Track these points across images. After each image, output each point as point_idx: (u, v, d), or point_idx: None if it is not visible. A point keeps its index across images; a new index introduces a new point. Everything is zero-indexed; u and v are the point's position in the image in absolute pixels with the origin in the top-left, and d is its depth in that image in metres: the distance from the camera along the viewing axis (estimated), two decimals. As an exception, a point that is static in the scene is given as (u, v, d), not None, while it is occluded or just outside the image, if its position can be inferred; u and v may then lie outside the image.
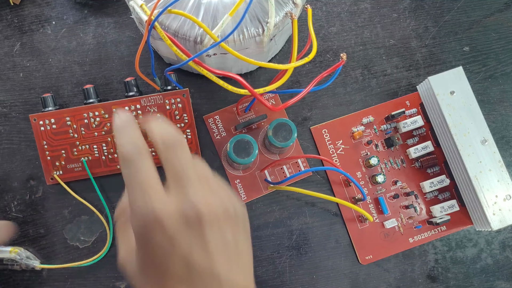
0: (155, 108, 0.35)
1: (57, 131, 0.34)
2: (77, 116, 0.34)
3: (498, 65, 0.39)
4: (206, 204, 0.23)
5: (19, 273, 0.35)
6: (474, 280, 0.36)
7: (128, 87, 0.35)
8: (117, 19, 0.38)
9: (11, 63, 0.37)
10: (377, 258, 0.36)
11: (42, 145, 0.34)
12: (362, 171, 0.37)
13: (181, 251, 0.23)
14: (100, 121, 0.35)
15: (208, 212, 0.23)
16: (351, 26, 0.39)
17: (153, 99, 0.35)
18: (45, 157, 0.35)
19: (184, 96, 0.35)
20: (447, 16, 0.39)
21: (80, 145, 0.35)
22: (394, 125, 0.37)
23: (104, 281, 0.35)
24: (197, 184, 0.24)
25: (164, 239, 0.23)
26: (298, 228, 0.36)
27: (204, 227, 0.23)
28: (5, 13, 0.38)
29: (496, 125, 0.38)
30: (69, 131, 0.34)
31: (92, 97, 0.35)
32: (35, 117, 0.34)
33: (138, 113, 0.35)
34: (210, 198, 0.24)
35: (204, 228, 0.23)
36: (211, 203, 0.24)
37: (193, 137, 0.35)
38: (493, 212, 0.33)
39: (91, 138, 0.35)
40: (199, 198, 0.23)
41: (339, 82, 0.38)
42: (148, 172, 0.24)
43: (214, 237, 0.24)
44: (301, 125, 0.37)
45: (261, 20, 0.30)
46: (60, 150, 0.35)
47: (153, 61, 0.31)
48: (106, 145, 0.35)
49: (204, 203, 0.23)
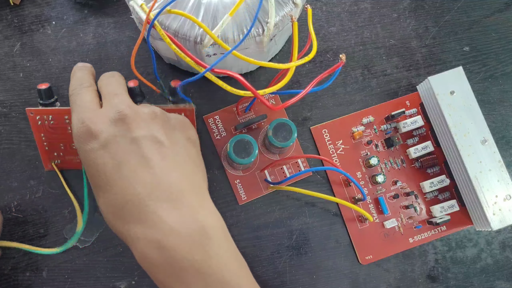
0: None
1: (55, 126, 0.34)
2: None
3: (498, 65, 0.39)
4: (129, 107, 0.27)
5: (19, 273, 0.35)
6: (474, 280, 0.36)
7: (133, 97, 0.31)
8: (117, 19, 0.38)
9: (11, 63, 0.37)
10: (377, 258, 0.36)
11: (40, 136, 0.34)
12: (362, 171, 0.37)
13: (115, 153, 0.26)
14: None
15: (132, 113, 0.26)
16: (351, 26, 0.39)
17: None
18: (43, 147, 0.34)
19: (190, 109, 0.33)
20: (447, 16, 0.39)
21: None
22: (394, 125, 0.37)
23: (104, 281, 0.35)
24: (124, 96, 0.28)
25: (99, 147, 0.26)
26: (298, 228, 0.36)
27: (131, 125, 0.26)
28: (5, 13, 0.38)
29: (496, 125, 0.38)
30: (68, 128, 0.34)
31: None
32: (32, 111, 0.34)
33: None
34: (136, 105, 0.28)
35: (130, 126, 0.26)
36: (135, 107, 0.27)
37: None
38: (493, 212, 0.33)
39: None
40: (124, 103, 0.27)
41: (339, 82, 0.38)
42: (85, 96, 0.28)
43: (142, 134, 0.26)
44: (301, 125, 0.37)
45: (261, 20, 0.30)
46: (58, 144, 0.34)
47: (155, 61, 0.31)
48: None
49: (128, 106, 0.27)
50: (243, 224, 0.36)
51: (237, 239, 0.36)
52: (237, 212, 0.36)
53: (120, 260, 0.35)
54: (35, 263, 0.35)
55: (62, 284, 0.35)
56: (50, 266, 0.35)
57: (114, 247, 0.35)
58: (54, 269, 0.35)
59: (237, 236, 0.36)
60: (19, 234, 0.35)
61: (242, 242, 0.36)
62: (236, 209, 0.36)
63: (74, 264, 0.35)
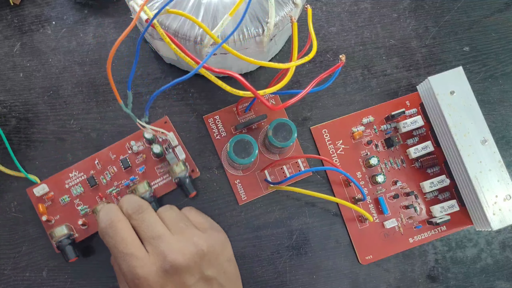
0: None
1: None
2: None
3: (498, 65, 0.39)
4: (180, 254, 0.27)
5: (19, 273, 0.35)
6: (474, 280, 0.36)
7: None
8: (117, 19, 0.38)
9: (11, 63, 0.37)
10: (377, 258, 0.36)
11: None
12: (362, 171, 0.37)
13: None
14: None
15: (183, 261, 0.27)
16: (351, 26, 0.39)
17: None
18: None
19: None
20: (447, 16, 0.39)
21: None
22: (394, 125, 0.37)
23: (104, 281, 0.35)
24: (167, 238, 0.28)
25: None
26: (298, 228, 0.36)
27: (184, 276, 0.27)
28: (5, 13, 0.38)
29: (496, 125, 0.38)
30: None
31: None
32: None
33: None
34: (183, 246, 0.28)
35: (183, 276, 0.27)
36: (184, 251, 0.27)
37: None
38: (493, 212, 0.33)
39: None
40: (172, 250, 0.27)
41: (339, 82, 0.38)
42: (124, 239, 0.28)
43: (195, 280, 0.27)
44: (301, 125, 0.37)
45: (261, 20, 0.30)
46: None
47: (134, 70, 0.28)
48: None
49: (177, 254, 0.27)
50: (243, 224, 0.36)
51: (237, 239, 0.36)
52: (237, 212, 0.36)
53: (120, 260, 0.35)
54: (35, 263, 0.35)
55: (62, 284, 0.35)
56: (50, 266, 0.35)
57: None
58: (54, 269, 0.35)
59: (237, 236, 0.36)
60: (19, 234, 0.35)
61: (242, 242, 0.36)
62: (236, 209, 0.36)
63: (74, 264, 0.35)
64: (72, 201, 0.35)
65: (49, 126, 0.36)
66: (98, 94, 0.37)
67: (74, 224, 0.34)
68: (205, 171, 0.36)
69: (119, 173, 0.35)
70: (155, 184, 0.35)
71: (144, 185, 0.34)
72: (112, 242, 0.28)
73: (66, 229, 0.33)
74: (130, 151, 0.35)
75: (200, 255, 0.28)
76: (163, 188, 0.35)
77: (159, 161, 0.35)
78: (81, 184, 0.35)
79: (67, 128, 0.36)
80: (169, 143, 0.35)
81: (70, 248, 0.33)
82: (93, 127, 0.37)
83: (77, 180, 0.35)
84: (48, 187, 0.35)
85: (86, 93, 0.37)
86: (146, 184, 0.34)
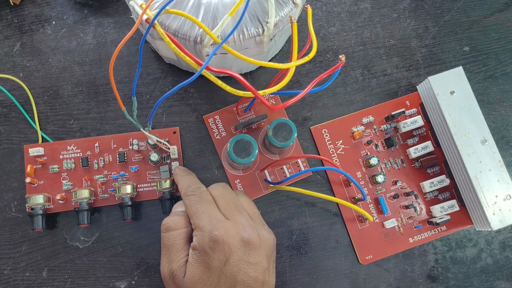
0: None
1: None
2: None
3: (498, 65, 0.39)
4: (255, 234, 0.29)
5: (19, 273, 0.35)
6: (474, 280, 0.36)
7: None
8: (117, 19, 0.38)
9: (11, 63, 0.37)
10: (377, 258, 0.36)
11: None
12: (362, 171, 0.37)
13: (235, 268, 0.28)
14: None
15: (256, 241, 0.29)
16: (351, 26, 0.39)
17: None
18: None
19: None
20: (447, 16, 0.39)
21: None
22: (394, 125, 0.37)
23: (104, 281, 0.35)
24: (245, 215, 0.30)
25: (223, 257, 0.28)
26: (298, 228, 0.36)
27: (261, 251, 0.29)
28: (5, 13, 0.38)
29: (496, 125, 0.38)
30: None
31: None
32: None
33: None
34: (262, 231, 0.30)
35: (260, 252, 0.29)
36: (264, 235, 0.30)
37: None
38: (493, 212, 0.33)
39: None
40: (256, 229, 0.29)
41: (339, 82, 0.38)
42: (209, 203, 0.30)
43: (263, 259, 0.29)
44: (301, 125, 0.37)
45: (261, 20, 0.30)
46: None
47: (138, 76, 0.29)
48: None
49: (252, 232, 0.29)
50: (243, 224, 0.36)
51: (237, 239, 0.36)
52: (237, 212, 0.36)
53: (120, 260, 0.35)
54: (35, 263, 0.35)
55: (62, 284, 0.35)
56: (50, 266, 0.35)
57: (114, 247, 0.35)
58: (54, 269, 0.35)
59: (237, 236, 0.36)
60: (19, 234, 0.35)
61: (242, 242, 0.36)
62: (236, 209, 0.36)
63: (74, 264, 0.35)
64: (60, 173, 0.35)
65: (49, 126, 0.36)
66: (98, 94, 0.37)
67: (53, 195, 0.35)
68: (205, 171, 0.36)
69: (112, 164, 0.35)
70: (141, 187, 0.35)
71: (129, 188, 0.34)
72: (194, 203, 0.30)
73: (43, 199, 0.34)
74: (131, 146, 0.36)
75: (274, 244, 0.31)
76: (146, 194, 0.35)
77: (154, 168, 0.36)
78: (74, 160, 0.35)
79: (67, 128, 0.36)
80: (170, 154, 0.35)
81: (39, 218, 0.34)
82: (93, 127, 0.37)
83: (72, 155, 0.35)
84: (44, 151, 0.35)
85: (86, 93, 0.37)
86: (131, 188, 0.34)
